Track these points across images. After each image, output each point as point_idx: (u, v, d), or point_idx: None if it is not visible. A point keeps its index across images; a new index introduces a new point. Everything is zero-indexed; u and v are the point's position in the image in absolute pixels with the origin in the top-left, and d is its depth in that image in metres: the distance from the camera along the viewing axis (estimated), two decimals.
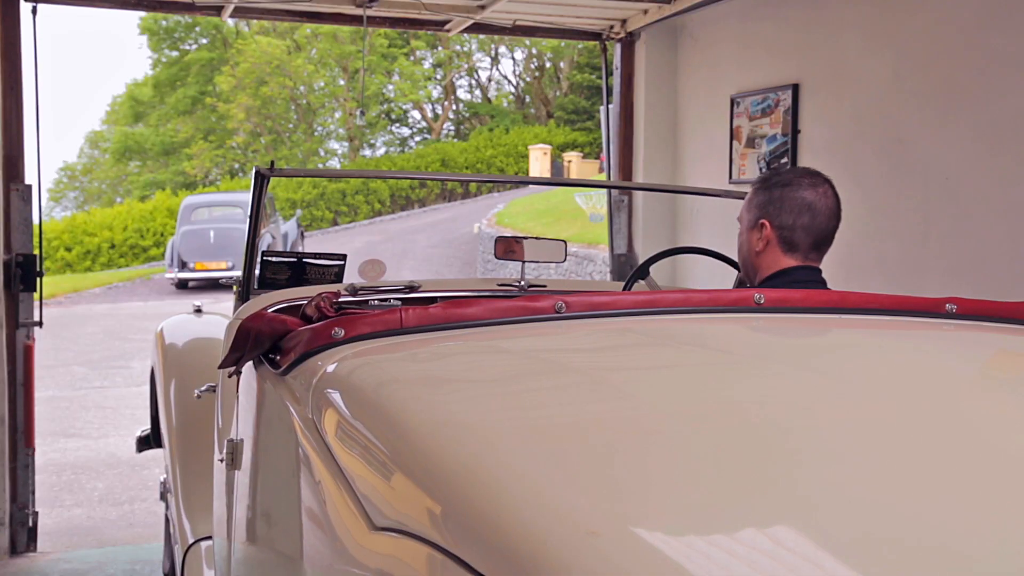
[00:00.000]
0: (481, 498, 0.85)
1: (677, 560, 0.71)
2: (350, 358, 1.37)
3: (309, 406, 1.33)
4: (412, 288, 2.47)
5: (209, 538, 2.65)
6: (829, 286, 2.21)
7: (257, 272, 2.71)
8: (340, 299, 1.91)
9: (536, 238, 2.64)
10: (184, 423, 3.12)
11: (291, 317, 1.79)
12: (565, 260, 2.74)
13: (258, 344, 1.71)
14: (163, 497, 3.28)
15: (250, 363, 1.82)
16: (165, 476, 3.22)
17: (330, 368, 1.36)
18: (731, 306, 1.56)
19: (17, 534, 4.34)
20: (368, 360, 1.36)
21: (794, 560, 0.70)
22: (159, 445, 3.55)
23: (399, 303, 2.28)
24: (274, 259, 2.74)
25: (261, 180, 2.56)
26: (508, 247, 2.63)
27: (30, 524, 4.38)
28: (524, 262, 2.59)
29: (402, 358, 1.38)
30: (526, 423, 1.05)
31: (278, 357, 1.63)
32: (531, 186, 31.16)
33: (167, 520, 3.35)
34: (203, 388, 2.71)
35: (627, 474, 0.89)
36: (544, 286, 2.77)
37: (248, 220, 2.59)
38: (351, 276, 2.72)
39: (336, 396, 1.29)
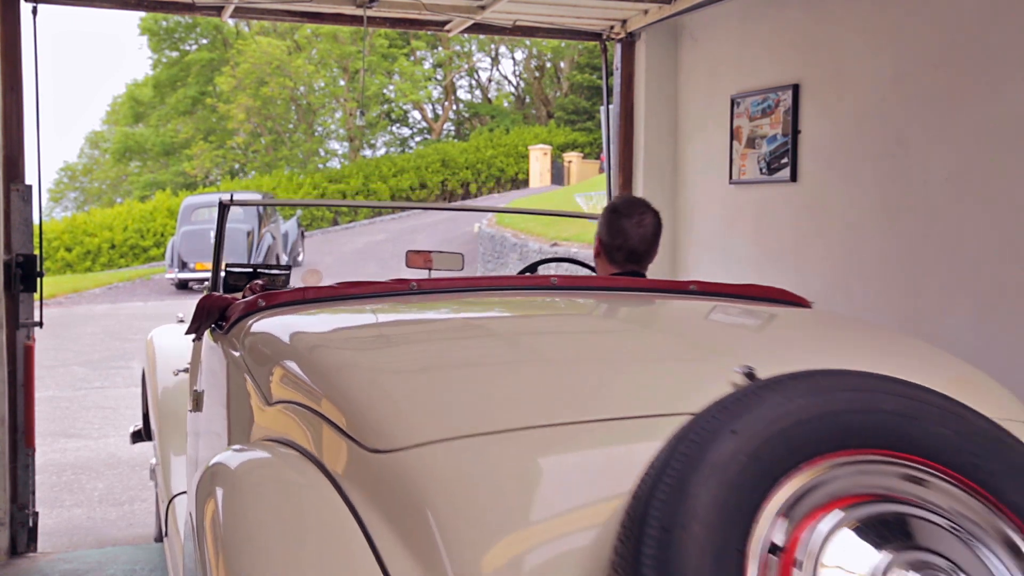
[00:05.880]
0: (335, 380, 1.52)
1: (444, 396, 1.43)
2: (267, 317, 2.07)
3: (240, 350, 2.04)
4: None
5: (185, 492, 3.13)
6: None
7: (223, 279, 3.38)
8: (265, 286, 2.81)
9: (439, 252, 3.37)
10: (168, 409, 3.75)
11: (233, 296, 2.55)
12: (463, 269, 3.34)
13: (211, 315, 2.46)
14: (152, 476, 3.85)
15: (207, 331, 2.53)
16: (155, 461, 3.69)
17: (255, 325, 2.06)
18: (535, 285, 2.29)
19: (17, 534, 4.34)
20: (279, 319, 2.04)
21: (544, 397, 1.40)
22: (150, 438, 3.99)
23: None
24: (236, 270, 3.35)
25: (223, 209, 3.30)
26: (418, 259, 3.32)
27: (30, 524, 4.38)
28: (431, 270, 3.27)
29: (300, 315, 2.06)
30: (371, 341, 1.84)
31: (224, 323, 2.32)
32: (532, 186, 31.15)
33: (156, 495, 3.85)
34: (180, 369, 3.46)
35: (428, 361, 1.62)
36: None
37: (215, 239, 3.33)
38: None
39: (256, 339, 2.00)
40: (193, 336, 2.71)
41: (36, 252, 4.34)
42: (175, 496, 3.14)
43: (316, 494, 1.30)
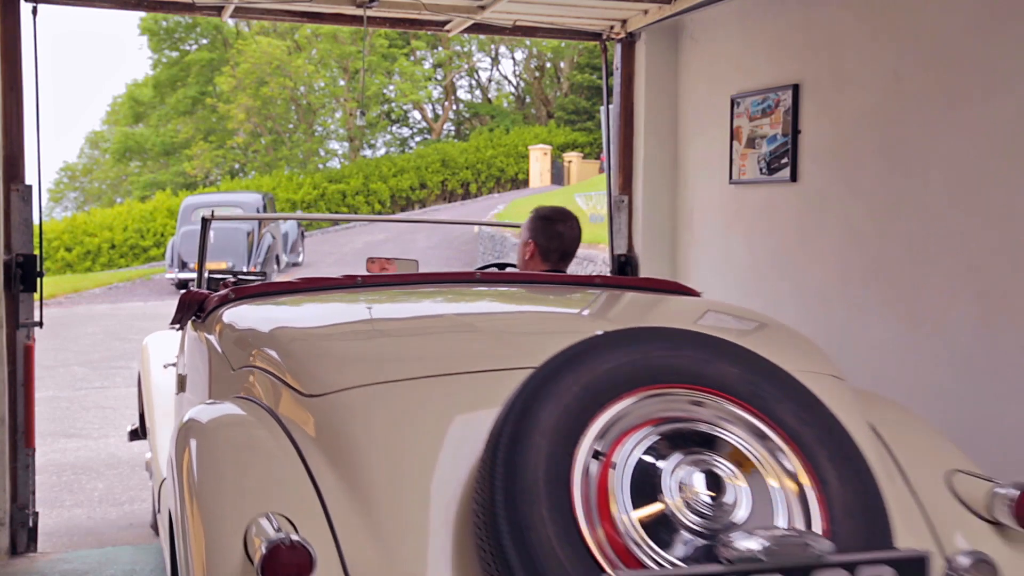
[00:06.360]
0: (283, 346, 2.02)
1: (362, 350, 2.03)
2: (237, 306, 2.54)
3: (214, 335, 2.51)
4: None
5: None
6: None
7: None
8: (235, 283, 3.26)
9: (398, 259, 3.81)
10: (160, 401, 4.04)
11: (210, 291, 3.02)
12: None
13: (191, 308, 2.91)
14: (147, 469, 4.08)
15: (189, 322, 2.96)
16: (149, 455, 3.86)
17: (226, 314, 2.53)
18: (461, 280, 2.75)
19: (17, 534, 4.33)
20: (245, 307, 2.51)
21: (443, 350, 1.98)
22: (146, 436, 4.14)
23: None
24: (218, 276, 3.86)
25: (205, 223, 4.08)
26: (375, 266, 3.73)
27: (30, 524, 4.37)
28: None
29: (262, 304, 2.53)
30: (313, 320, 2.36)
31: (201, 314, 2.76)
32: (532, 186, 31.13)
33: (152, 487, 4.03)
34: (169, 363, 3.90)
35: (354, 332, 2.21)
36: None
37: (199, 248, 4.14)
38: None
39: (226, 323, 2.46)
40: (177, 327, 3.21)
41: (36, 252, 4.34)
42: (165, 478, 3.25)
43: (265, 429, 1.78)
